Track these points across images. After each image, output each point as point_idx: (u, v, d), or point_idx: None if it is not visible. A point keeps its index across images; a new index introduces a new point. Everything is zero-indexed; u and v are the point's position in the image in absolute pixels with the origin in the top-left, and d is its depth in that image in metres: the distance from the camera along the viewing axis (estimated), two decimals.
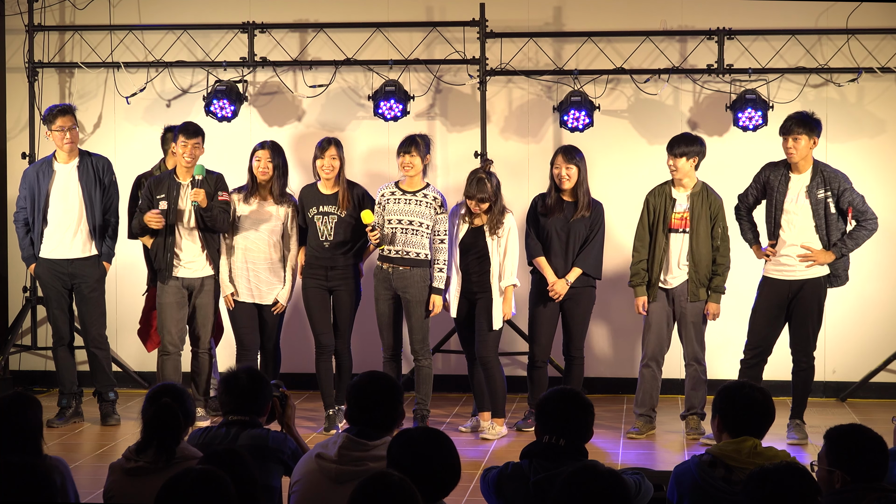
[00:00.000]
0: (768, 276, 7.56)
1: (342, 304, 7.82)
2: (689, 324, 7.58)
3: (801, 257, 7.42)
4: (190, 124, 7.85)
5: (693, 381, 7.64)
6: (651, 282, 7.59)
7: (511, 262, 7.57)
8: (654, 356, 7.65)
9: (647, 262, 7.59)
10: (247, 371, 4.73)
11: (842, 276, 7.53)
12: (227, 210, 7.74)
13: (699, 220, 7.53)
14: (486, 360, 7.62)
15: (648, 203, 7.65)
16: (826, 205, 7.38)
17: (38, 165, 8.01)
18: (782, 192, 7.45)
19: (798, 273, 7.45)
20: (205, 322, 7.86)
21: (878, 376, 8.75)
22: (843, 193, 7.39)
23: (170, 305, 7.81)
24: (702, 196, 7.57)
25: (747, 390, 4.39)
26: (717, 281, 7.57)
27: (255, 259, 7.82)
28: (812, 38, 8.66)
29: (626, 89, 8.88)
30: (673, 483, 4.33)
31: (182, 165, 7.77)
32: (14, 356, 9.12)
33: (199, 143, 7.79)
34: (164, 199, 7.74)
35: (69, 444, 7.57)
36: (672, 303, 7.62)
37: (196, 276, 7.80)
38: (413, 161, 7.67)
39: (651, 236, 7.59)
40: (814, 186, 7.39)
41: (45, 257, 7.95)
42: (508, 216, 7.60)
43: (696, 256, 7.52)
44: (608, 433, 7.77)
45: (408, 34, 8.95)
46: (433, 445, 3.81)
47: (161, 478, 3.61)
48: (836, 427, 4.05)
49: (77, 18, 9.20)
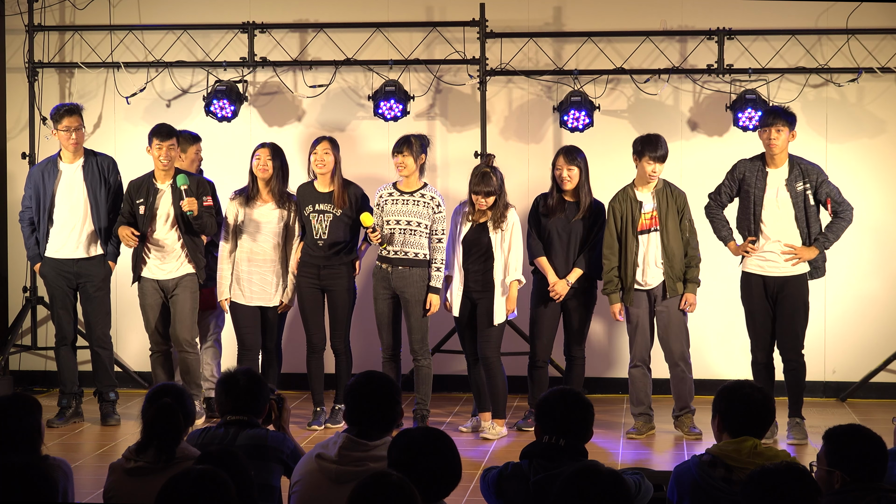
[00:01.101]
0: (750, 272, 7.56)
1: (337, 302, 7.82)
2: (672, 323, 7.57)
3: (785, 255, 7.43)
4: (163, 126, 7.79)
5: (679, 382, 7.62)
6: (626, 286, 7.59)
7: (515, 257, 7.57)
8: (641, 357, 7.66)
9: (620, 267, 7.59)
10: (245, 372, 4.75)
11: (821, 268, 7.56)
12: (212, 214, 7.74)
13: (667, 216, 7.55)
14: (488, 360, 7.62)
15: (614, 210, 7.62)
16: (806, 197, 7.41)
17: (44, 165, 8.01)
18: (761, 188, 7.46)
19: (781, 269, 7.46)
20: (182, 320, 7.78)
21: (878, 376, 8.74)
22: (821, 185, 7.42)
23: (150, 306, 7.84)
24: (666, 192, 7.58)
25: (747, 390, 4.39)
26: (691, 273, 7.58)
27: (258, 261, 7.82)
28: (812, 38, 8.66)
29: (626, 89, 8.88)
30: (673, 483, 4.33)
31: (159, 169, 7.75)
32: (14, 356, 9.12)
33: (174, 145, 7.73)
34: (143, 204, 7.74)
35: (69, 443, 7.57)
36: (652, 302, 7.62)
37: (171, 277, 7.79)
38: (406, 161, 7.68)
39: (620, 242, 7.59)
40: (793, 179, 7.41)
41: (51, 257, 7.95)
42: (512, 211, 7.62)
43: (669, 252, 7.54)
44: (608, 433, 7.77)
45: (408, 34, 8.95)
46: (434, 445, 3.81)
47: (161, 478, 3.62)
48: (835, 427, 4.04)
49: (77, 18, 9.20)
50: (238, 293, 7.84)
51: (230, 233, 7.86)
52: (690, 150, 8.83)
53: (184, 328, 7.79)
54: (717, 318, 8.72)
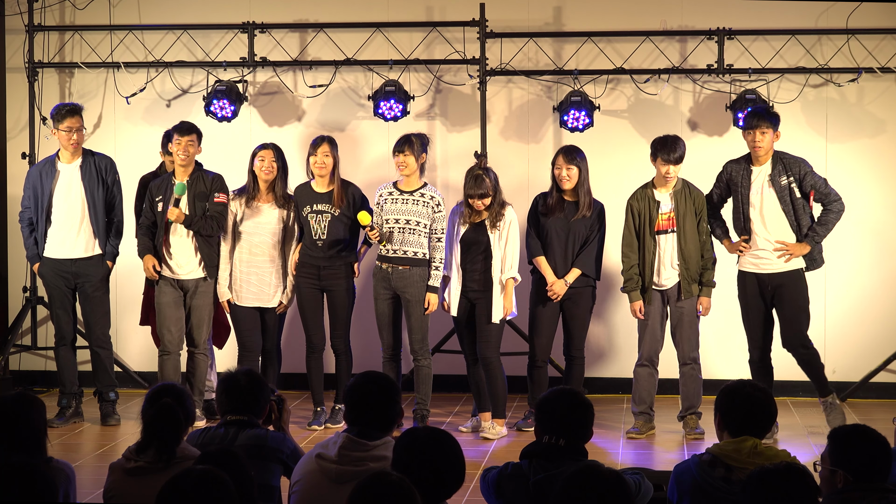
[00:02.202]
0: (746, 271, 7.59)
1: (337, 302, 7.82)
2: (684, 323, 7.59)
3: (777, 252, 7.44)
4: (184, 123, 7.87)
5: (689, 381, 7.64)
6: (645, 285, 7.60)
7: (512, 254, 7.58)
8: (649, 356, 7.67)
9: (639, 266, 7.60)
10: (245, 372, 4.75)
11: (818, 260, 7.57)
12: (221, 213, 7.75)
13: (685, 217, 7.55)
14: (487, 360, 7.62)
15: (632, 208, 7.65)
16: (791, 190, 7.42)
17: (42, 165, 8.01)
18: (746, 186, 7.49)
19: (775, 267, 7.48)
20: (199, 324, 7.85)
21: (878, 376, 8.74)
22: (805, 177, 7.43)
23: (167, 305, 7.82)
24: (684, 193, 7.59)
25: (748, 390, 4.39)
26: (707, 275, 7.60)
27: (258, 262, 7.82)
28: (812, 38, 8.66)
29: (626, 89, 8.88)
30: (673, 482, 4.33)
31: (178, 164, 7.78)
32: (14, 356, 9.12)
33: (193, 141, 7.78)
34: (161, 201, 7.76)
35: (69, 444, 7.57)
36: (666, 303, 7.63)
37: (189, 278, 7.81)
38: (407, 160, 7.68)
39: (639, 240, 7.60)
40: (776, 174, 7.43)
41: (49, 257, 7.95)
42: (509, 209, 7.62)
43: (686, 253, 7.54)
44: (608, 433, 7.77)
45: (408, 34, 8.95)
46: (439, 446, 3.81)
47: (161, 478, 3.61)
48: (839, 427, 4.04)
49: (77, 18, 9.20)
50: (236, 294, 7.84)
51: (229, 233, 7.86)
52: (690, 149, 8.76)
53: (203, 331, 7.88)
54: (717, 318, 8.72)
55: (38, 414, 4.32)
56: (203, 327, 7.88)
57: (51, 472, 4.00)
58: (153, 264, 7.76)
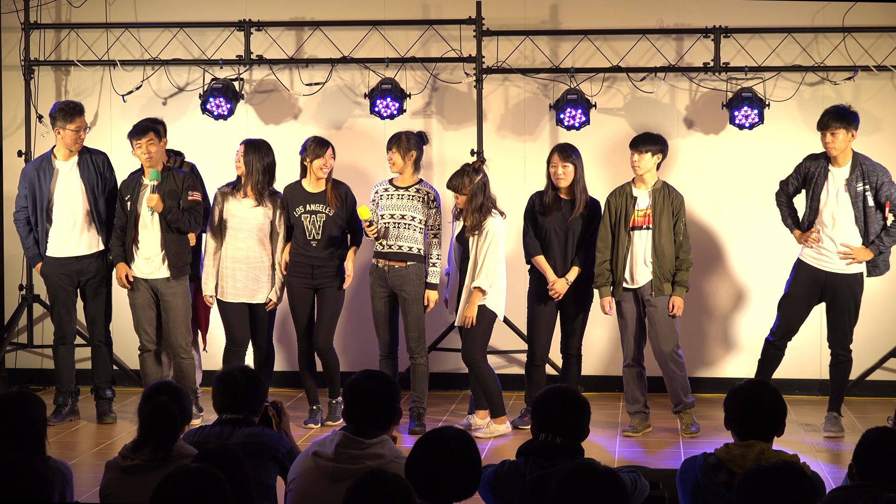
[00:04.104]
0: (805, 262, 7.61)
1: (326, 301, 7.80)
2: (656, 321, 7.57)
3: (840, 255, 7.47)
4: (138, 125, 7.77)
5: (669, 379, 7.61)
6: (616, 281, 7.60)
7: (487, 265, 7.45)
8: (633, 356, 7.67)
9: (611, 261, 7.60)
10: (243, 370, 4.76)
11: (880, 266, 7.60)
12: (195, 209, 7.72)
13: (661, 215, 7.54)
14: (470, 362, 7.60)
15: (610, 204, 7.65)
16: (865, 198, 7.45)
17: (38, 164, 7.97)
18: (821, 185, 7.52)
19: (836, 267, 7.53)
20: (175, 325, 7.76)
21: (874, 374, 8.76)
22: (882, 187, 7.46)
23: (141, 307, 7.81)
24: (663, 193, 7.59)
25: (757, 391, 4.33)
26: (680, 276, 7.58)
27: (243, 258, 7.79)
28: (808, 37, 8.67)
29: (622, 87, 8.88)
30: (679, 478, 4.30)
31: (146, 166, 7.73)
32: (10, 354, 9.12)
33: (152, 140, 7.66)
34: (130, 200, 7.74)
35: (66, 442, 7.57)
36: (639, 302, 7.62)
37: (157, 277, 7.76)
38: (394, 158, 7.70)
39: (613, 236, 7.60)
40: (853, 180, 7.45)
41: (52, 256, 7.93)
42: (492, 221, 7.50)
43: (659, 251, 7.53)
44: (604, 431, 7.77)
45: (404, 32, 8.95)
46: (467, 447, 3.81)
47: (157, 476, 3.61)
48: (874, 428, 4.02)
49: (73, 16, 9.19)
50: (223, 290, 7.82)
51: (215, 229, 7.84)
52: (687, 148, 8.83)
53: (178, 334, 7.77)
54: (717, 318, 8.73)
55: (38, 412, 4.32)
56: (179, 329, 7.77)
57: (47, 471, 3.99)
58: (126, 273, 7.74)
